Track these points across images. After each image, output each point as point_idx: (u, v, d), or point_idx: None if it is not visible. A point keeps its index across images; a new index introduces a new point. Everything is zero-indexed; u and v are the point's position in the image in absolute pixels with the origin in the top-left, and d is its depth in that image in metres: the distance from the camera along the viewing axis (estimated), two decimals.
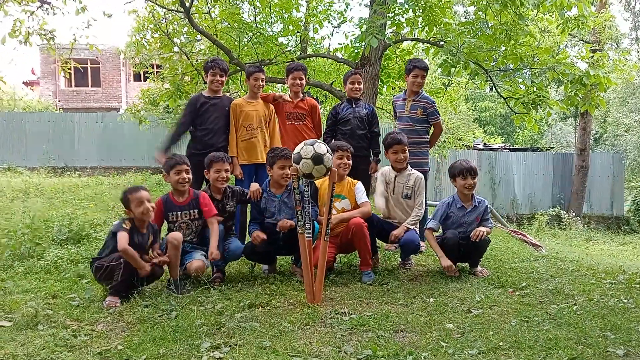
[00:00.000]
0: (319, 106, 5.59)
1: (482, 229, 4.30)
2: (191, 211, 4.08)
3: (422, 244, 5.16)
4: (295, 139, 4.95)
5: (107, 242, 3.80)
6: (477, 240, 4.24)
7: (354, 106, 5.25)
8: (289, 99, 5.17)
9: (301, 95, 5.26)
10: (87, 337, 2.93)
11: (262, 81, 5.01)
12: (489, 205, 4.50)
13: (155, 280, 3.93)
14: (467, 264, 4.69)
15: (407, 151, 4.65)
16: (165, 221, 4.12)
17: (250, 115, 4.92)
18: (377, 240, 4.67)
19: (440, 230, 4.64)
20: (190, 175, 4.06)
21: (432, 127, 5.40)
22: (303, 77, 5.17)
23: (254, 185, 4.40)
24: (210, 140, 4.78)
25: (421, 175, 4.70)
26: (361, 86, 5.29)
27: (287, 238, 4.14)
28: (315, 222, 4.07)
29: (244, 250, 4.26)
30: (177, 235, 3.85)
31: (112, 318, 3.27)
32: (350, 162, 4.53)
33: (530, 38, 7.77)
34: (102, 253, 3.75)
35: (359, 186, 4.54)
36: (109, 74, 26.78)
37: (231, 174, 4.54)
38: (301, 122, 5.19)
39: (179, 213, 4.05)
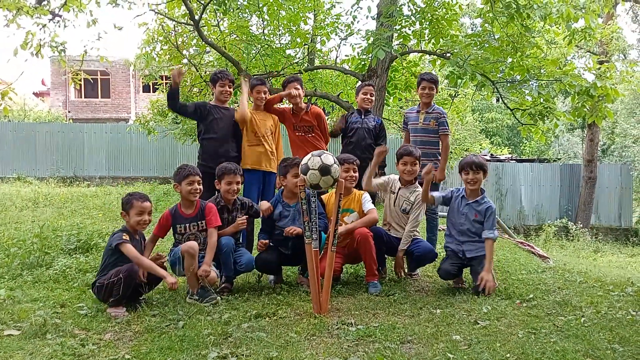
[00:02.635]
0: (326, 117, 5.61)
1: (489, 283, 4.08)
2: (199, 222, 4.09)
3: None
4: (306, 149, 4.95)
5: (105, 260, 3.76)
6: (487, 294, 4.06)
7: (362, 117, 5.29)
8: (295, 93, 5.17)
9: (303, 105, 5.27)
10: (95, 347, 2.95)
11: (265, 94, 5.05)
12: (493, 209, 4.41)
13: (157, 284, 3.95)
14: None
15: (417, 165, 4.59)
16: (172, 232, 4.15)
17: (257, 124, 4.96)
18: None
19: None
20: (201, 187, 4.09)
21: (441, 141, 5.29)
22: (299, 87, 5.16)
23: (265, 204, 4.42)
24: (220, 149, 4.80)
25: None
26: (373, 97, 5.36)
27: (295, 247, 4.16)
28: (322, 232, 4.09)
29: (255, 262, 4.25)
30: (192, 244, 3.85)
31: (120, 327, 3.29)
32: (357, 174, 4.55)
33: (537, 50, 7.80)
34: (103, 272, 3.70)
35: (366, 195, 4.56)
36: (118, 85, 27.02)
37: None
38: (310, 134, 5.21)
39: (187, 225, 4.08)
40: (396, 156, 4.73)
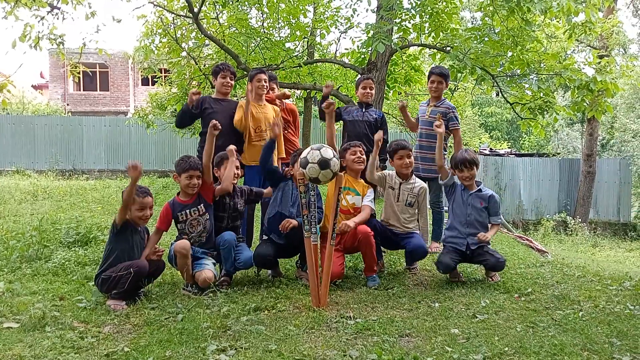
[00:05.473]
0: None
1: (487, 235, 4.33)
2: (198, 207, 4.13)
3: (436, 244, 5.33)
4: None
5: (108, 252, 3.78)
6: (480, 243, 4.29)
7: (364, 110, 5.30)
8: (288, 93, 5.40)
9: (278, 102, 5.31)
10: (94, 339, 2.96)
11: (265, 82, 5.03)
12: (496, 196, 4.51)
13: (158, 275, 3.97)
14: (473, 269, 4.69)
15: (412, 157, 4.63)
16: (174, 223, 4.15)
17: (258, 119, 4.94)
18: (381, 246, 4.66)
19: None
20: (200, 182, 4.11)
21: (452, 136, 5.41)
22: (275, 86, 5.33)
23: (268, 189, 4.53)
24: (217, 142, 4.78)
25: (425, 185, 4.68)
26: (373, 91, 5.39)
27: (289, 237, 4.18)
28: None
29: (254, 258, 4.25)
30: (184, 243, 3.88)
31: (119, 320, 3.30)
32: (364, 157, 4.56)
33: (537, 44, 7.76)
34: (105, 264, 3.73)
35: (370, 192, 4.56)
36: (117, 78, 26.94)
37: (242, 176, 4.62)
38: (285, 130, 5.25)
39: (187, 211, 4.10)
40: (389, 153, 4.72)
